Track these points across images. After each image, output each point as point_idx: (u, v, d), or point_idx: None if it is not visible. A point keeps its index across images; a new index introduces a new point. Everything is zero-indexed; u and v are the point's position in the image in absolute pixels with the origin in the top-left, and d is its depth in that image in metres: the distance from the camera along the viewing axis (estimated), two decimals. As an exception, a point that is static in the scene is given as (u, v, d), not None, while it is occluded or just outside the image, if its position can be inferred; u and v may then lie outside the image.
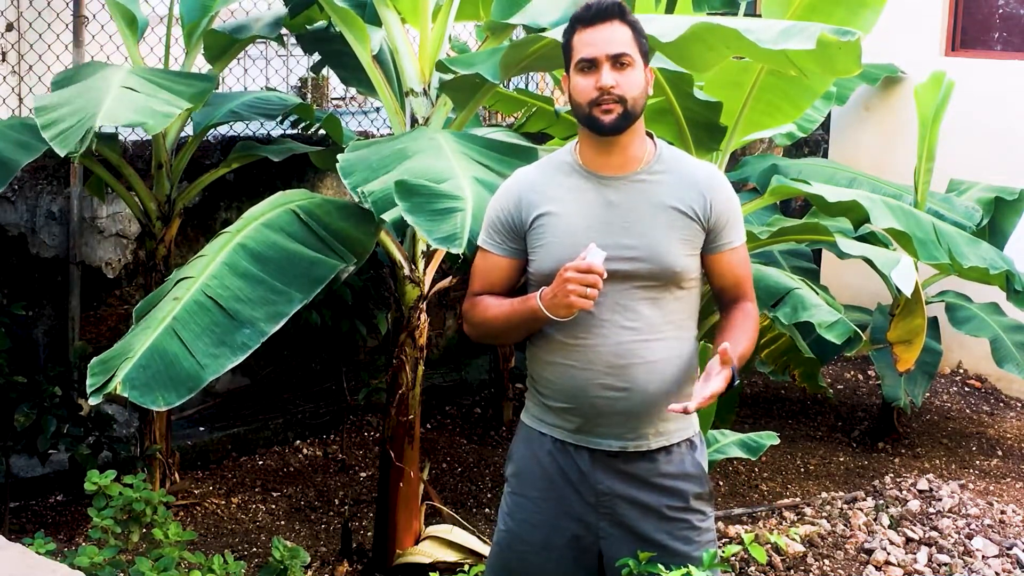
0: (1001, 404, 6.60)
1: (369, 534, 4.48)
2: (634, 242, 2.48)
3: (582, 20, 2.49)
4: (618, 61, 2.46)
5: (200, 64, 4.87)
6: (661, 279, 2.51)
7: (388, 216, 3.17)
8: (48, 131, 3.52)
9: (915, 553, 4.47)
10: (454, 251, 2.95)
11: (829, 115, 7.33)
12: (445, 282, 4.16)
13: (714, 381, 2.38)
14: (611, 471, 2.55)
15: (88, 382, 3.04)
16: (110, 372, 3.03)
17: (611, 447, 2.55)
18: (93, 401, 2.98)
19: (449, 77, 3.79)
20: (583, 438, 2.56)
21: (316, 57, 5.14)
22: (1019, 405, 6.59)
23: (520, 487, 2.65)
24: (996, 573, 4.34)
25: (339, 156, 3.46)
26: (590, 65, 2.46)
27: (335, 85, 6.59)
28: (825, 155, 7.55)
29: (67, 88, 3.97)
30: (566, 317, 2.42)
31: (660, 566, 2.38)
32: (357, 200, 3.31)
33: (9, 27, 5.16)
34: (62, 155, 3.42)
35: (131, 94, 3.75)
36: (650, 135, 2.60)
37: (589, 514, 2.57)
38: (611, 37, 2.46)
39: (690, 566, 2.32)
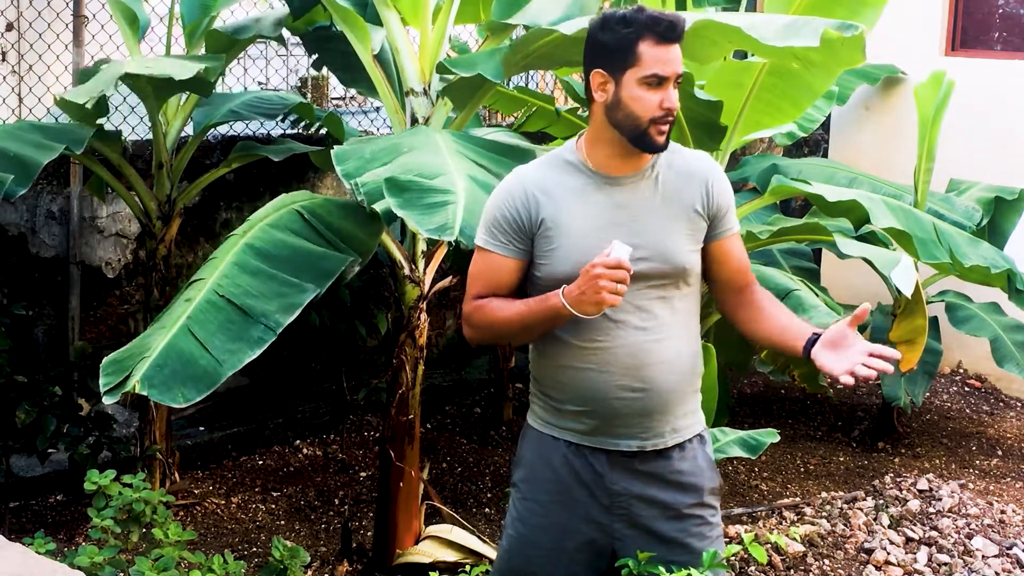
0: (1001, 404, 6.60)
1: (369, 534, 4.48)
2: (645, 241, 2.46)
3: (657, 34, 2.40)
4: (678, 81, 2.46)
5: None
6: (672, 277, 2.51)
7: (379, 207, 3.18)
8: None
9: (915, 553, 4.47)
10: (446, 239, 2.96)
11: (829, 115, 7.31)
12: (445, 282, 4.16)
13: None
14: (627, 471, 2.55)
15: (102, 382, 3.04)
16: (125, 372, 3.05)
17: (630, 447, 2.54)
18: (108, 401, 3.00)
19: (450, 78, 3.79)
20: (600, 440, 2.54)
21: (316, 57, 5.15)
22: (1019, 405, 6.59)
23: (531, 492, 2.62)
24: (996, 573, 4.34)
25: (335, 148, 3.47)
26: (659, 82, 2.42)
27: (335, 85, 6.58)
28: (825, 155, 7.55)
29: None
30: (594, 315, 2.38)
31: (660, 567, 2.38)
32: (349, 187, 3.32)
33: (9, 27, 5.16)
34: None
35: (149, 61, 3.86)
36: None
37: (603, 516, 2.56)
38: (678, 56, 2.44)
39: (690, 568, 2.33)
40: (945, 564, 4.38)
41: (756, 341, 2.76)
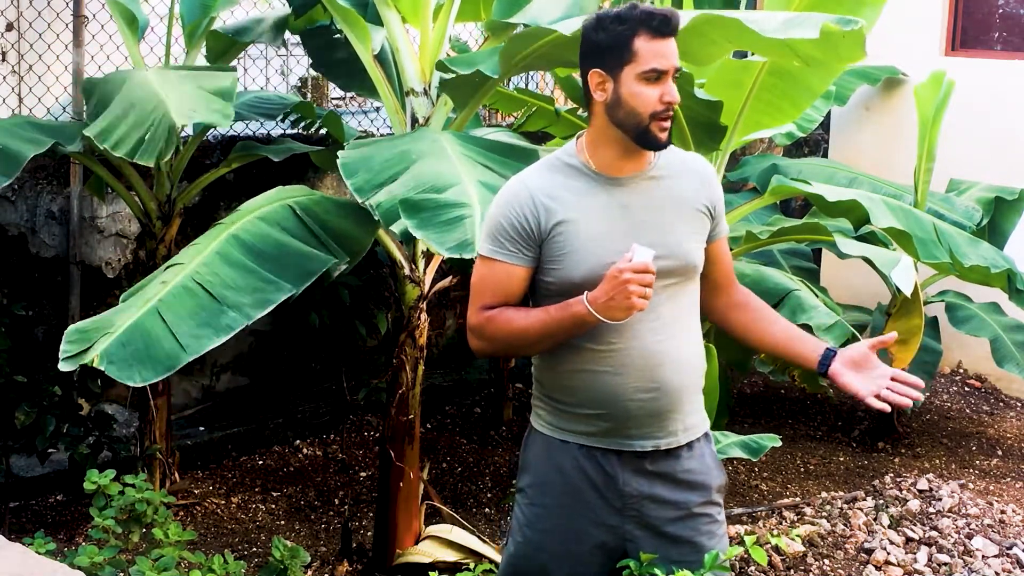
0: (1001, 404, 6.60)
1: (369, 534, 4.48)
2: (656, 240, 2.43)
3: (652, 29, 2.39)
4: (675, 74, 2.45)
5: (200, 64, 4.87)
6: (681, 275, 2.52)
7: (396, 228, 3.17)
8: (120, 148, 3.61)
9: (915, 553, 4.47)
10: (467, 256, 2.93)
11: (829, 115, 7.32)
12: (445, 282, 4.16)
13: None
14: (639, 472, 2.54)
15: (62, 348, 3.04)
16: (88, 343, 3.04)
17: (644, 447, 2.53)
18: (64, 368, 2.98)
19: (450, 77, 3.79)
20: (613, 441, 2.53)
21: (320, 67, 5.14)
22: (1019, 405, 6.59)
23: (538, 497, 2.60)
24: (996, 573, 4.34)
25: (339, 153, 3.45)
26: (658, 76, 2.41)
27: (335, 84, 6.59)
28: (825, 155, 7.55)
29: (110, 104, 3.95)
30: (622, 320, 2.37)
31: (660, 568, 2.38)
32: (360, 202, 3.31)
33: (9, 27, 5.16)
34: (151, 164, 3.53)
35: (184, 94, 3.79)
36: None
37: (615, 519, 2.55)
38: (675, 50, 2.43)
39: (700, 567, 2.33)
40: (945, 564, 4.38)
41: (754, 346, 2.77)
